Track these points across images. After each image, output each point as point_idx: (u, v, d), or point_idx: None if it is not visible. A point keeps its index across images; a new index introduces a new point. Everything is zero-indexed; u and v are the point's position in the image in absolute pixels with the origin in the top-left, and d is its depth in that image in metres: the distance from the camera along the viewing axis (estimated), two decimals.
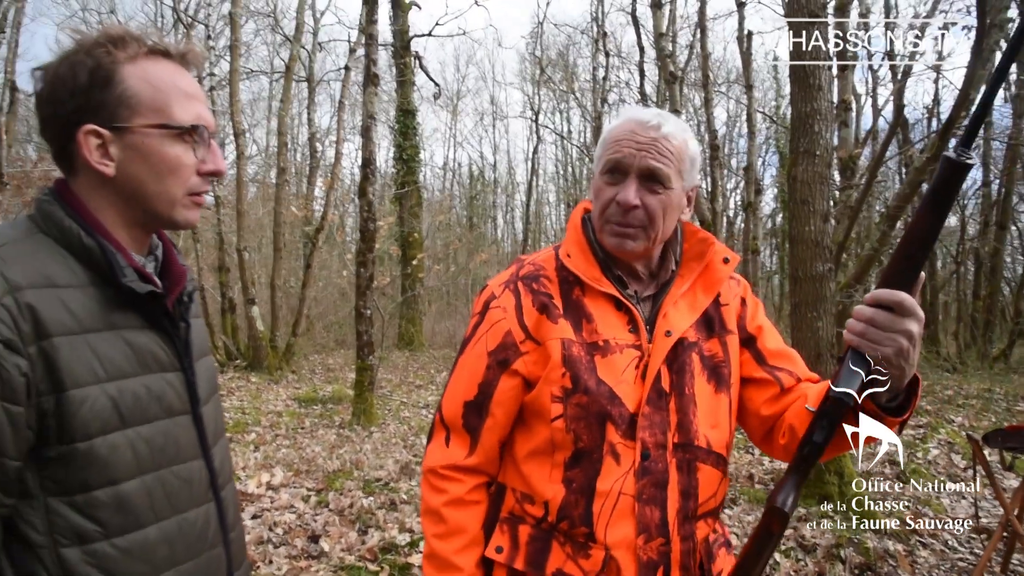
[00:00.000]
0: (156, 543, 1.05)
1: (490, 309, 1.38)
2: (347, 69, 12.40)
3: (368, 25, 7.45)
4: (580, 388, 1.28)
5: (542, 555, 1.30)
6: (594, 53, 15.54)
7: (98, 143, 1.03)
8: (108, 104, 1.02)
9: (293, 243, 17.01)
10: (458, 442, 1.37)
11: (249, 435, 6.95)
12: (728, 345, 1.37)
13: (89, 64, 1.02)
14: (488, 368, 1.35)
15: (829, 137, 4.90)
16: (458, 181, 29.96)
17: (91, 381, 0.98)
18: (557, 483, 1.29)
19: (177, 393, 1.11)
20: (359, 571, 3.58)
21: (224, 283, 12.79)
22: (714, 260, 1.38)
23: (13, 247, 0.98)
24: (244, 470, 5.38)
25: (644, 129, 1.28)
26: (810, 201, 4.77)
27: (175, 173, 1.07)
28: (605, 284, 1.34)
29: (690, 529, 1.29)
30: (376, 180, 7.58)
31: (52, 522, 0.97)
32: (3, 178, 6.61)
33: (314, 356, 15.11)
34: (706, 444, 1.31)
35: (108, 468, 1.00)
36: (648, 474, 1.26)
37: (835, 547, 3.93)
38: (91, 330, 1.00)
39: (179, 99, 1.06)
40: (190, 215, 1.12)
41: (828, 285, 4.77)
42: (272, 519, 4.23)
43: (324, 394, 9.52)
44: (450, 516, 1.34)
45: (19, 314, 0.93)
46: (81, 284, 1.01)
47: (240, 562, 1.25)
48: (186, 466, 1.11)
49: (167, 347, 1.10)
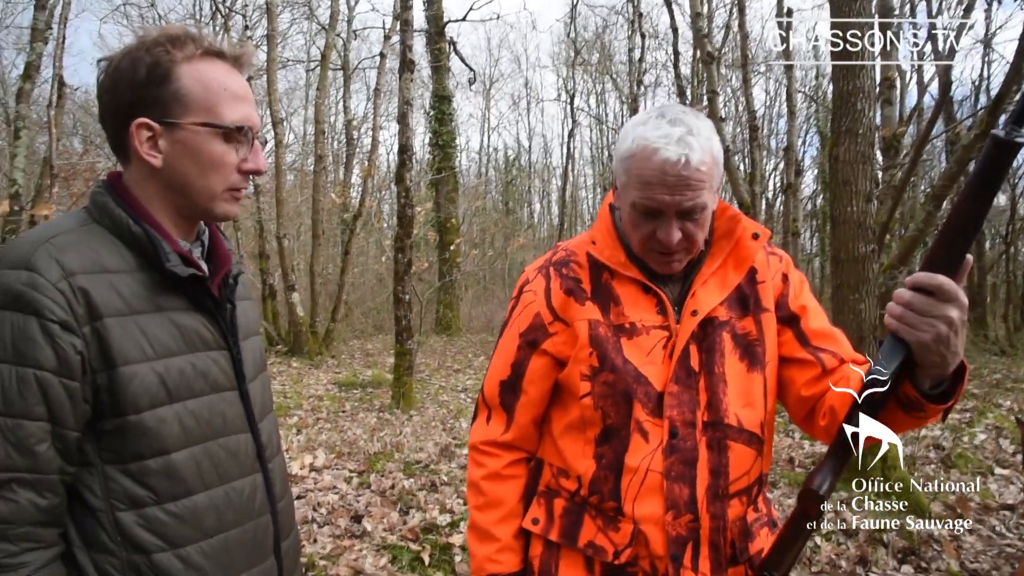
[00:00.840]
0: (204, 510, 1.12)
1: (523, 293, 1.45)
2: (382, 56, 12.46)
3: (403, 11, 7.47)
4: (607, 367, 1.32)
5: (575, 527, 1.36)
6: (630, 34, 15.37)
7: (149, 135, 1.10)
8: (162, 100, 1.09)
9: (331, 230, 17.22)
10: (497, 419, 1.46)
11: (291, 418, 7.09)
12: (763, 323, 1.37)
13: (148, 61, 1.09)
14: (519, 348, 1.43)
15: (872, 116, 4.79)
16: (494, 166, 29.95)
17: (140, 359, 1.06)
18: (589, 458, 1.34)
19: (223, 370, 1.18)
20: (401, 550, 3.65)
21: (264, 270, 13.01)
22: (743, 236, 1.38)
23: (68, 236, 1.07)
24: (288, 452, 5.51)
25: (673, 169, 1.21)
26: (852, 181, 4.69)
27: (217, 169, 1.13)
28: (631, 269, 1.37)
29: (721, 507, 1.31)
30: (413, 166, 7.63)
31: (109, 488, 1.06)
32: (53, 170, 6.82)
33: (353, 341, 15.32)
34: (737, 423, 1.32)
35: (158, 439, 1.07)
36: (676, 452, 1.29)
37: (877, 531, 3.89)
38: (140, 312, 1.08)
39: (228, 100, 1.12)
40: (229, 208, 1.18)
41: (871, 266, 4.69)
42: (316, 500, 4.33)
43: (364, 378, 9.66)
44: (489, 489, 1.43)
45: (73, 297, 1.01)
46: (130, 269, 1.09)
47: (288, 531, 1.31)
48: (233, 439, 1.18)
49: (212, 327, 1.17)
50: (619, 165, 1.31)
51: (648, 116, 1.28)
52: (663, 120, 1.24)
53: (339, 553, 3.62)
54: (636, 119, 1.31)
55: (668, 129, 1.22)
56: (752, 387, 1.34)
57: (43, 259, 1.01)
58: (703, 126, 1.26)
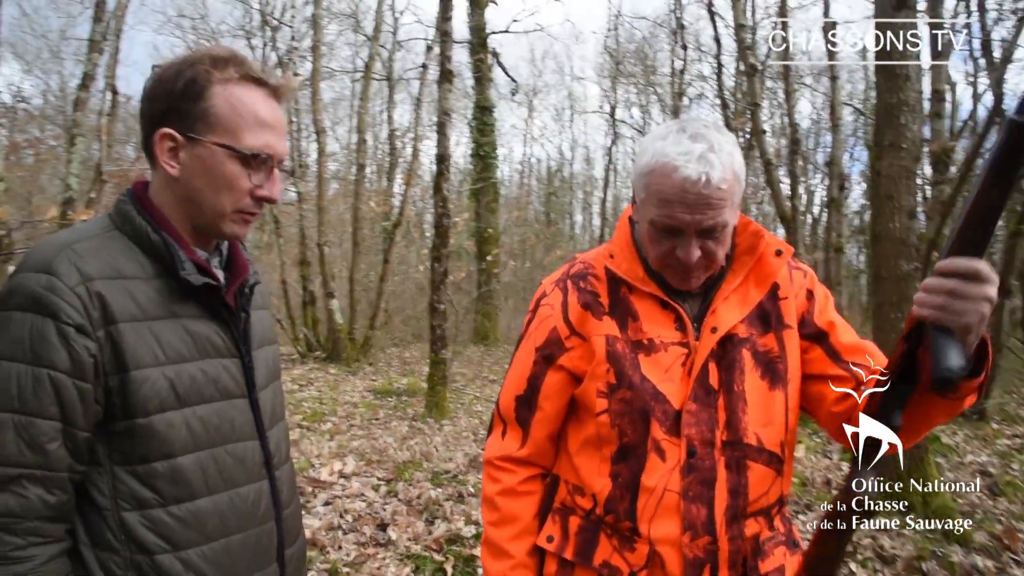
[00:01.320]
0: (208, 514, 1.14)
1: (540, 306, 1.43)
2: (424, 67, 12.61)
3: (443, 22, 7.55)
4: (624, 384, 1.29)
5: (590, 546, 1.33)
6: (672, 47, 15.28)
7: (171, 145, 1.15)
8: (190, 115, 1.13)
9: (373, 238, 17.41)
10: (512, 435, 1.44)
11: (325, 424, 7.17)
12: (785, 340, 1.34)
13: (188, 75, 1.13)
14: (535, 363, 1.40)
15: (917, 129, 4.66)
16: (536, 177, 29.98)
17: (151, 363, 1.09)
18: (605, 476, 1.32)
19: (233, 378, 1.20)
20: (424, 560, 3.65)
21: (305, 276, 13.22)
22: (766, 253, 1.36)
23: (89, 243, 1.10)
24: (318, 458, 5.56)
25: (693, 187, 1.18)
26: (895, 197, 4.56)
27: (229, 190, 1.16)
28: (649, 285, 1.34)
29: (739, 529, 1.28)
30: (451, 176, 7.68)
31: (116, 488, 1.09)
32: (102, 176, 7.05)
33: (391, 349, 15.44)
34: (756, 442, 1.29)
35: (165, 442, 1.10)
36: (694, 471, 1.26)
37: (916, 559, 3.75)
38: (154, 317, 1.11)
39: (252, 126, 1.15)
40: (237, 229, 1.21)
41: (913, 285, 4.54)
42: (343, 506, 4.36)
43: (399, 386, 9.72)
44: (503, 505, 1.41)
45: (90, 302, 1.04)
46: (147, 276, 1.12)
47: (293, 539, 1.32)
48: (240, 445, 1.20)
49: (225, 335, 1.20)
50: (638, 180, 1.28)
51: (668, 130, 1.25)
52: (684, 135, 1.21)
53: (363, 561, 3.63)
54: (656, 132, 1.27)
55: (689, 145, 1.19)
56: (773, 405, 1.31)
57: (63, 264, 1.05)
58: (725, 141, 1.22)
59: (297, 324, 13.35)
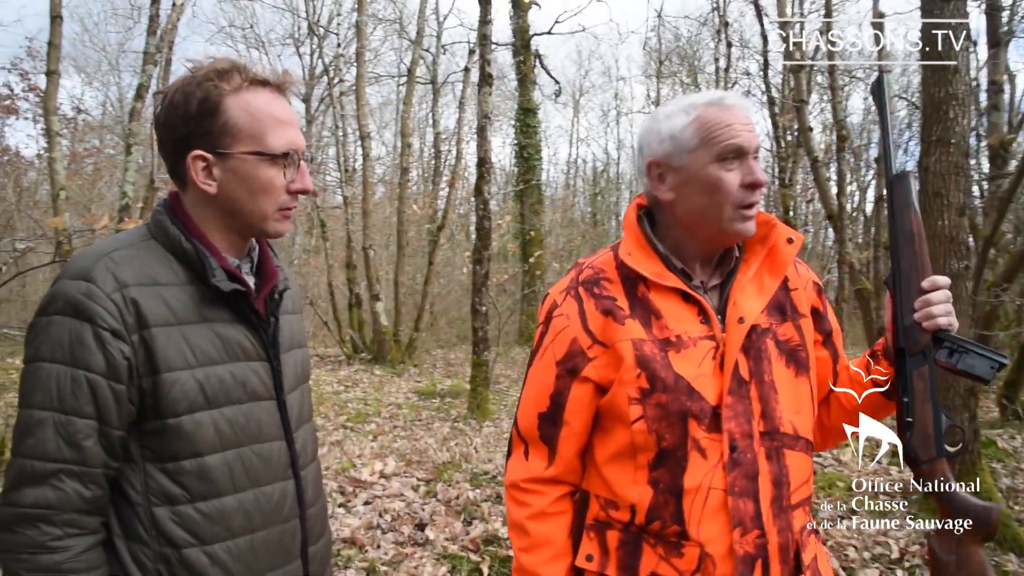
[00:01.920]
0: (233, 511, 1.19)
1: (553, 318, 1.37)
2: (466, 70, 12.69)
3: (482, 26, 7.59)
4: (658, 387, 1.26)
5: (633, 558, 1.29)
6: (716, 44, 15.06)
7: (203, 166, 1.20)
8: (213, 132, 1.18)
9: (419, 241, 17.59)
10: (536, 454, 1.38)
11: (369, 425, 7.27)
12: (803, 329, 1.35)
13: (199, 95, 1.17)
14: (558, 378, 1.35)
15: (966, 124, 4.50)
16: (582, 177, 29.89)
17: (182, 366, 1.14)
18: (643, 484, 1.28)
19: (262, 380, 1.25)
20: (461, 560, 3.68)
21: (351, 279, 13.43)
22: (778, 242, 1.35)
23: (125, 251, 1.17)
24: (360, 458, 5.65)
25: (743, 110, 1.29)
26: (944, 194, 4.41)
27: (267, 193, 1.21)
28: (670, 278, 1.31)
29: (786, 520, 1.27)
30: (492, 179, 7.72)
31: (148, 484, 1.15)
32: (154, 183, 7.30)
33: (437, 351, 15.58)
34: (792, 430, 1.29)
35: (193, 442, 1.15)
36: (738, 466, 1.24)
37: None
38: (185, 322, 1.16)
39: (273, 127, 1.20)
40: (280, 227, 1.26)
41: (964, 284, 4.39)
42: (383, 506, 4.42)
43: (442, 388, 9.80)
44: (534, 529, 1.35)
45: (125, 307, 1.11)
46: (180, 283, 1.18)
47: (317, 536, 1.36)
48: (267, 446, 1.25)
49: (254, 339, 1.25)
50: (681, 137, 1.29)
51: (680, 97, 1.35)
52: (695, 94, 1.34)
53: (400, 560, 3.68)
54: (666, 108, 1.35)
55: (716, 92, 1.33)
56: (800, 393, 1.32)
57: (100, 272, 1.11)
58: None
59: (343, 326, 13.57)
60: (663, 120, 1.32)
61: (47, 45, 6.67)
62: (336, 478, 5.07)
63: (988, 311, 7.17)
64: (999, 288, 6.65)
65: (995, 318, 7.41)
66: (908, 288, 1.29)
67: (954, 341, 1.26)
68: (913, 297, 1.29)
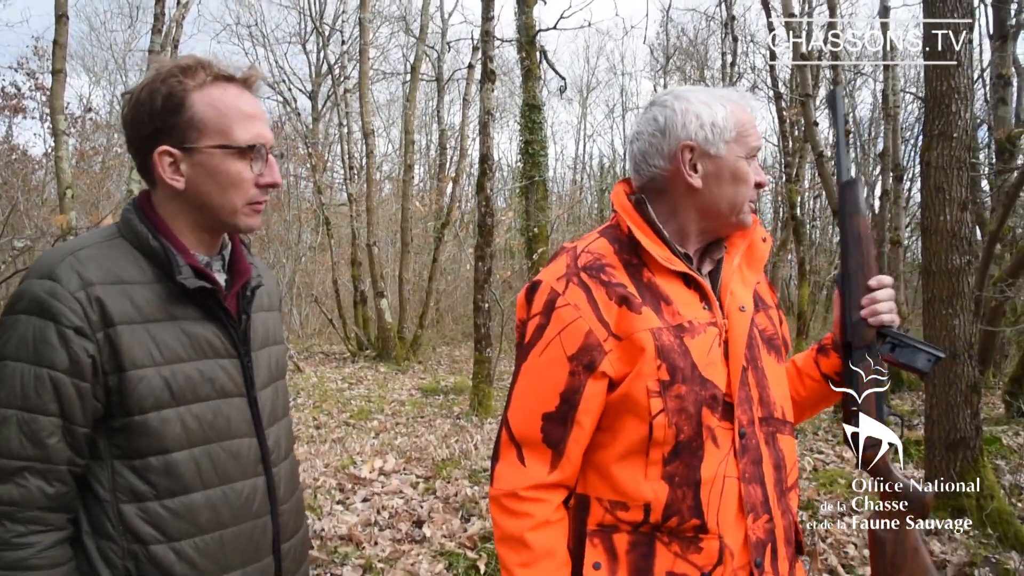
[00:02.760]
0: (200, 507, 1.19)
1: (558, 308, 1.26)
2: (471, 67, 12.67)
3: (485, 22, 7.57)
4: (678, 378, 1.21)
5: (646, 560, 1.22)
6: (723, 38, 14.98)
7: (171, 161, 1.19)
8: (179, 127, 1.18)
9: (425, 238, 17.60)
10: (536, 458, 1.27)
11: (371, 422, 7.29)
12: (773, 319, 1.40)
13: (164, 91, 1.17)
14: (572, 374, 1.24)
15: (969, 118, 4.46)
16: (589, 174, 29.83)
17: (148, 363, 1.15)
18: (657, 480, 1.22)
19: (231, 377, 1.25)
20: (458, 557, 3.67)
21: (356, 276, 13.45)
22: (755, 239, 1.39)
23: (92, 250, 1.17)
24: (360, 455, 5.66)
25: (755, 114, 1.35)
26: (945, 188, 4.37)
27: (236, 186, 1.21)
28: (677, 263, 1.28)
29: (785, 503, 1.29)
30: (494, 175, 7.70)
31: (115, 481, 1.15)
32: None
33: (442, 348, 15.60)
34: (782, 415, 1.32)
35: (160, 438, 1.15)
36: (747, 452, 1.25)
37: (968, 566, 3.60)
38: (152, 320, 1.16)
39: (240, 120, 1.20)
40: (250, 221, 1.25)
41: (966, 279, 4.35)
42: (381, 503, 4.42)
43: (446, 385, 9.81)
44: (537, 541, 1.24)
45: (89, 306, 1.11)
46: (148, 281, 1.18)
47: (291, 533, 1.35)
48: (236, 442, 1.24)
49: (223, 336, 1.24)
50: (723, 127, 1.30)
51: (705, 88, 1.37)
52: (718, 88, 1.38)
53: (397, 557, 3.68)
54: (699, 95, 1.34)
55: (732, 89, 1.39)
56: (782, 379, 1.36)
57: (65, 270, 1.12)
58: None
59: (348, 323, 13.59)
60: (701, 106, 1.30)
61: (52, 44, 6.69)
62: (336, 475, 5.08)
63: (994, 306, 7.10)
64: (1005, 283, 6.59)
65: (1001, 313, 7.34)
66: (855, 287, 1.36)
67: (896, 336, 1.34)
68: (860, 295, 1.36)
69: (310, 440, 6.42)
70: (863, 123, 18.19)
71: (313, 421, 7.41)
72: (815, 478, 4.96)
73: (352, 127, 14.31)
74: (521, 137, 17.19)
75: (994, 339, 7.59)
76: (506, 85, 20.48)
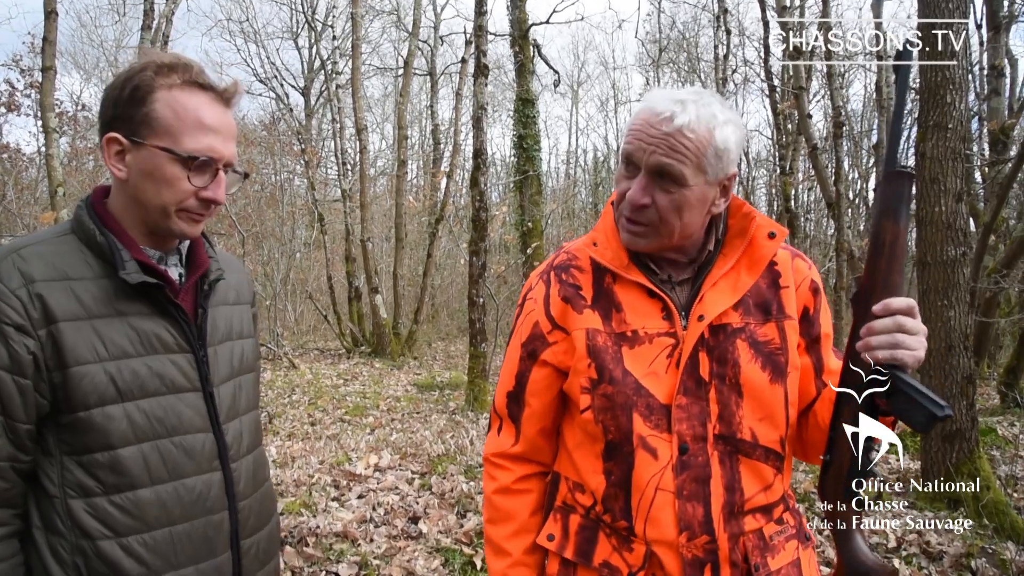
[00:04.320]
0: (148, 503, 1.19)
1: (526, 300, 1.39)
2: (463, 61, 12.62)
3: (478, 16, 7.53)
4: (605, 379, 1.25)
5: (589, 545, 1.29)
6: (715, 31, 14.96)
7: (118, 149, 1.20)
8: (134, 119, 1.19)
9: (419, 233, 17.56)
10: (507, 431, 1.41)
11: (367, 418, 7.26)
12: (786, 331, 1.27)
13: (133, 82, 1.19)
14: (521, 359, 1.37)
15: (964, 108, 4.45)
16: (582, 168, 29.81)
17: (91, 360, 1.15)
18: (599, 474, 1.28)
19: (183, 372, 1.24)
20: (453, 553, 3.66)
21: (351, 272, 13.41)
22: (757, 236, 1.28)
23: (39, 247, 1.18)
24: (355, 451, 5.64)
25: (657, 122, 1.17)
26: (941, 180, 4.36)
27: (171, 190, 1.20)
28: (634, 272, 1.28)
29: (738, 525, 1.22)
30: (487, 170, 7.67)
31: (64, 477, 1.16)
32: None
33: (437, 343, 15.57)
34: (751, 437, 1.23)
35: (105, 434, 1.16)
36: (687, 468, 1.20)
37: (965, 556, 3.60)
38: (97, 316, 1.17)
39: (193, 130, 1.19)
40: (186, 228, 1.24)
41: (961, 271, 4.35)
42: (376, 499, 4.40)
43: (442, 380, 9.79)
44: (500, 503, 1.39)
45: (30, 303, 1.11)
46: (95, 276, 1.18)
47: (253, 529, 1.35)
48: (189, 438, 1.24)
49: (175, 331, 1.24)
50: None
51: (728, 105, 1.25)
52: (678, 89, 1.22)
53: (393, 553, 3.66)
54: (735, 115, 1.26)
55: (674, 92, 1.19)
56: (773, 399, 1.24)
57: (7, 268, 1.13)
58: (719, 109, 1.19)
59: (343, 319, 13.55)
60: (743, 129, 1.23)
61: (42, 41, 6.63)
62: (331, 472, 5.06)
63: (988, 297, 7.13)
64: (999, 274, 6.60)
65: (995, 304, 7.36)
66: (862, 309, 1.13)
67: (897, 380, 1.08)
68: (864, 321, 1.12)
69: (305, 437, 6.39)
70: (855, 116, 18.18)
71: (308, 418, 7.38)
72: (811, 471, 4.96)
73: (345, 123, 14.26)
74: (514, 131, 17.15)
75: (989, 330, 7.62)
76: (498, 79, 20.44)
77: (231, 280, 1.40)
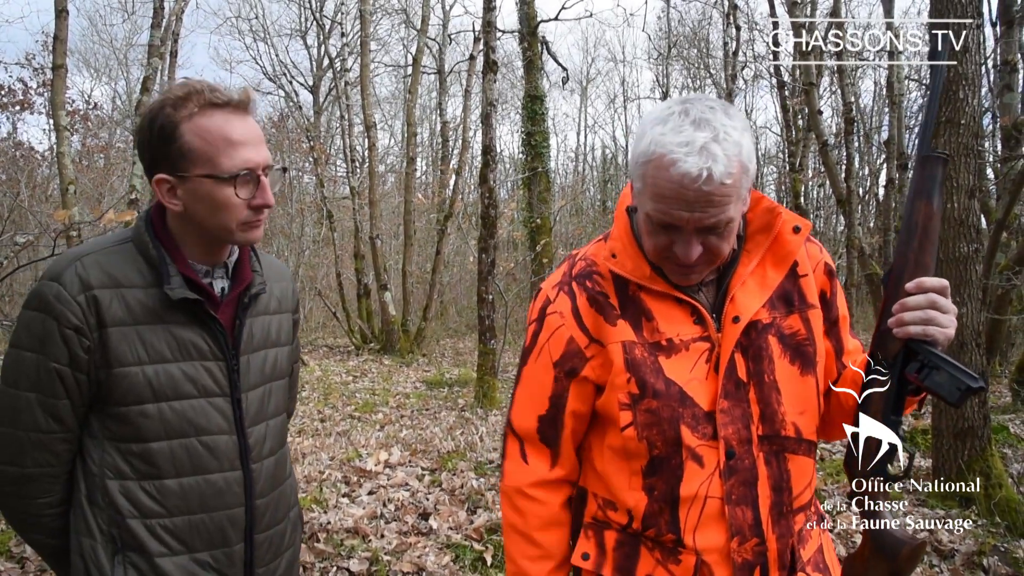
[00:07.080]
0: (172, 493, 1.32)
1: (547, 315, 1.31)
2: (472, 58, 12.62)
3: (486, 13, 7.53)
4: (648, 393, 1.20)
5: (630, 561, 1.25)
6: (725, 27, 14.90)
7: (168, 187, 1.30)
8: (171, 156, 1.28)
9: (428, 231, 17.58)
10: (537, 456, 1.33)
11: (376, 415, 7.29)
12: (811, 320, 1.26)
13: (158, 123, 1.28)
14: (556, 380, 1.30)
15: (976, 104, 4.41)
16: (590, 164, 29.76)
17: (133, 363, 1.28)
18: (638, 491, 1.23)
19: (215, 378, 1.35)
20: (464, 549, 3.67)
21: (360, 270, 13.44)
22: (783, 231, 1.25)
23: (97, 255, 1.30)
24: (365, 448, 5.66)
25: (695, 186, 1.07)
26: (953, 176, 4.34)
27: (226, 210, 1.30)
28: (659, 283, 1.23)
29: (787, 526, 1.22)
30: (496, 167, 7.67)
31: (104, 458, 1.32)
32: None
33: (446, 340, 15.59)
34: (795, 432, 1.22)
35: (139, 428, 1.30)
36: (735, 473, 1.19)
37: (977, 555, 3.58)
38: (143, 323, 1.29)
39: (226, 149, 1.27)
40: (248, 236, 1.35)
41: (973, 267, 4.32)
42: (387, 496, 4.42)
43: (451, 377, 9.80)
44: (545, 539, 1.31)
45: (88, 308, 1.26)
46: (145, 284, 1.30)
47: (268, 524, 1.45)
48: (214, 438, 1.35)
49: (210, 340, 1.35)
50: (634, 168, 1.16)
51: (670, 112, 1.11)
52: (686, 120, 1.08)
53: (404, 549, 3.67)
54: (656, 114, 1.13)
55: (690, 134, 1.07)
56: (807, 391, 1.24)
57: (70, 275, 1.26)
58: (732, 127, 1.09)
59: (352, 316, 13.59)
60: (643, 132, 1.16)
61: (52, 39, 6.67)
62: (341, 468, 5.08)
63: (1000, 294, 7.07)
64: (1011, 271, 6.56)
65: (1008, 302, 7.30)
66: (893, 288, 1.15)
67: (928, 355, 1.10)
68: (895, 299, 1.14)
69: (315, 433, 6.42)
70: (867, 112, 18.08)
71: (318, 414, 7.41)
72: (821, 468, 4.95)
73: (354, 120, 14.30)
74: (523, 128, 17.15)
75: (1001, 327, 7.56)
76: (506, 76, 20.42)
77: (274, 290, 1.49)
